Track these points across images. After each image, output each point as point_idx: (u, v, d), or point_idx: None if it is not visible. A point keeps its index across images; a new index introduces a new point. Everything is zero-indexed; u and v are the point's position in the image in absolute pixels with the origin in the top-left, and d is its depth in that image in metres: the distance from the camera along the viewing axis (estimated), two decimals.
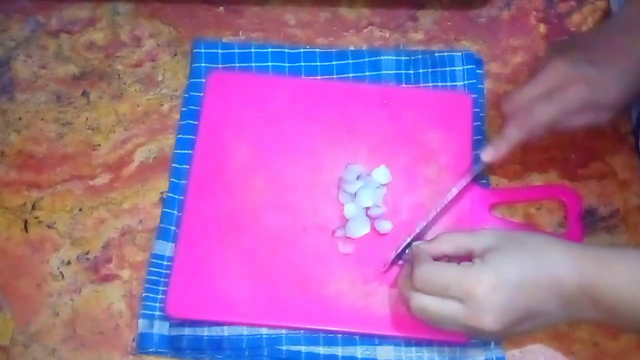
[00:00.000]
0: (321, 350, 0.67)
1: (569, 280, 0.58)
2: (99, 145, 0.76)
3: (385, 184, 0.72)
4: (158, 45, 0.80)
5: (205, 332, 0.67)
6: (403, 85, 0.78)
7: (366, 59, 0.78)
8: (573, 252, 0.59)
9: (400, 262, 0.69)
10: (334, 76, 0.78)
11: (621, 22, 0.69)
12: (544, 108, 0.65)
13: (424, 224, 0.69)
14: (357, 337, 0.68)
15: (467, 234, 0.64)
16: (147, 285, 0.70)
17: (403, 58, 0.78)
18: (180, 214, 0.72)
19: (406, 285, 0.63)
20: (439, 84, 0.77)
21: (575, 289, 0.58)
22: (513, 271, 0.59)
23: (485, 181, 0.74)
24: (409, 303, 0.62)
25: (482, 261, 0.59)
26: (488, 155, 0.68)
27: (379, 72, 0.78)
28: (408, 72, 0.78)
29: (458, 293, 0.59)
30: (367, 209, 0.71)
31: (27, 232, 0.72)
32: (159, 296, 0.69)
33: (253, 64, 0.78)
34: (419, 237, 0.69)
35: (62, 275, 0.71)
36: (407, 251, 0.68)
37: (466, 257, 0.62)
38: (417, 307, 0.61)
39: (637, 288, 0.57)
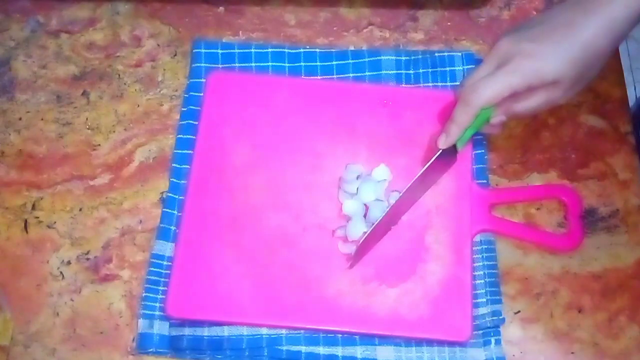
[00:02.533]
0: (321, 350, 0.67)
1: None
2: (99, 145, 0.76)
3: (386, 180, 0.72)
4: (158, 45, 0.80)
5: (205, 332, 0.67)
6: (403, 85, 0.78)
7: (366, 59, 0.78)
8: None
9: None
10: (334, 76, 0.78)
11: (568, 1, 0.68)
12: (486, 85, 0.65)
13: (382, 217, 0.68)
14: (357, 337, 0.68)
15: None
16: (147, 285, 0.70)
17: (403, 58, 0.78)
18: (180, 214, 0.72)
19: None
20: (439, 84, 0.77)
21: None
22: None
23: (485, 181, 0.74)
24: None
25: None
26: (441, 141, 0.68)
27: (379, 72, 0.78)
28: (408, 72, 0.78)
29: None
30: (366, 210, 0.71)
31: (27, 232, 0.72)
32: (159, 296, 0.69)
33: (253, 64, 0.78)
34: (380, 228, 0.69)
35: (62, 275, 0.71)
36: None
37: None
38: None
39: None
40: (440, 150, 0.69)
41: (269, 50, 0.79)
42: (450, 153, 0.70)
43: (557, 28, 0.65)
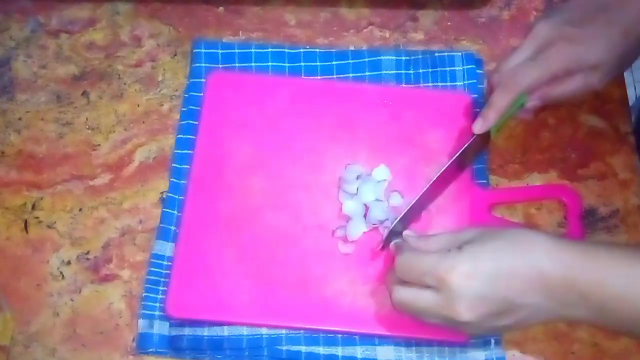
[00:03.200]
0: (321, 350, 0.67)
1: (552, 271, 0.56)
2: (99, 145, 0.76)
3: (386, 180, 0.72)
4: (158, 45, 0.81)
5: (205, 332, 0.67)
6: (403, 85, 0.78)
7: (366, 59, 0.78)
8: (557, 244, 0.58)
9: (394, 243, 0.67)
10: (334, 76, 0.78)
11: None
12: (527, 70, 0.65)
13: (417, 198, 0.68)
14: (357, 337, 0.68)
15: (452, 232, 0.64)
16: (147, 285, 0.70)
17: (403, 58, 0.78)
18: (180, 214, 0.72)
19: (390, 280, 0.63)
20: (439, 84, 0.77)
21: (559, 282, 0.56)
22: (488, 260, 0.58)
23: (485, 181, 0.74)
24: (391, 297, 0.62)
25: (459, 250, 0.59)
26: (478, 126, 0.67)
27: (379, 72, 0.78)
28: (408, 72, 0.78)
29: (433, 280, 0.58)
30: (366, 211, 0.70)
31: (27, 232, 0.72)
32: (159, 296, 0.69)
33: (253, 64, 0.78)
34: (412, 212, 0.68)
35: (62, 275, 0.71)
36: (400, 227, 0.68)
37: None
38: (396, 299, 0.61)
39: (631, 285, 0.56)
40: (474, 136, 0.68)
41: (269, 50, 0.79)
42: (483, 140, 0.68)
43: (598, 12, 0.64)
